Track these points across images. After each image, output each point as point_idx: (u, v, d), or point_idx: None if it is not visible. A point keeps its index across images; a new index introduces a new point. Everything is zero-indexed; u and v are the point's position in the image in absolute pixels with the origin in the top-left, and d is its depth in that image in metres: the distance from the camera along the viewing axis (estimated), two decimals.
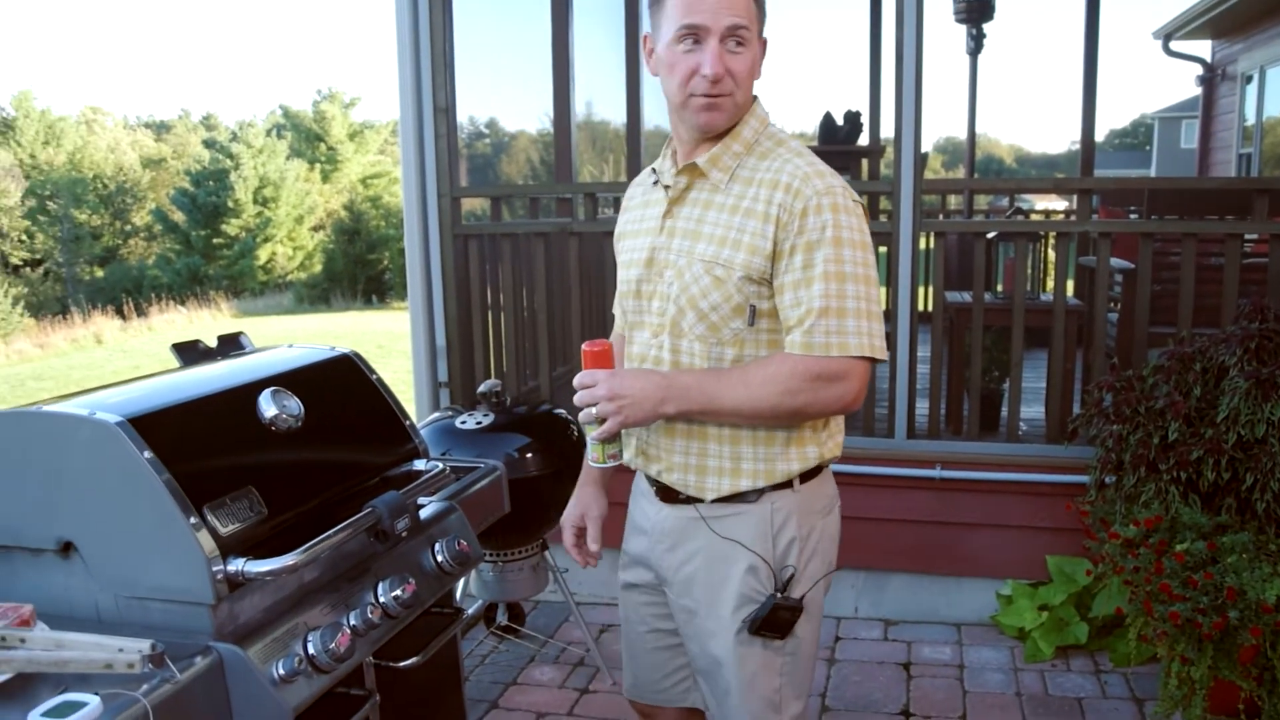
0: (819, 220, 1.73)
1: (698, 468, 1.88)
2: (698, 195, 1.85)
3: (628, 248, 1.98)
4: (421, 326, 4.35)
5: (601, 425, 1.77)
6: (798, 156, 1.80)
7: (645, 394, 1.76)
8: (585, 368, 1.80)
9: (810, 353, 1.73)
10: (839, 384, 1.74)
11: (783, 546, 1.87)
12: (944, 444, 3.92)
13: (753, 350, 1.82)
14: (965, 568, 3.93)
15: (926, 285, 5.24)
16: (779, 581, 1.87)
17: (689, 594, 1.93)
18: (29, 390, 16.82)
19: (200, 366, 2.04)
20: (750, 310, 1.79)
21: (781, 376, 1.74)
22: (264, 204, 35.69)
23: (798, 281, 1.74)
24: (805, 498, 1.89)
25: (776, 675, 1.91)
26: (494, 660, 3.74)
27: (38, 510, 1.65)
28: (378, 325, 22.19)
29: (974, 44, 7.41)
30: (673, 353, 1.86)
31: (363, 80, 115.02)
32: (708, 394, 1.77)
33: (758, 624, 1.85)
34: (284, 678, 1.56)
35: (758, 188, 1.78)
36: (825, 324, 1.72)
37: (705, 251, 1.80)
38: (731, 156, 1.82)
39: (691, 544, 1.92)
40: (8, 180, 36.84)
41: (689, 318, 1.82)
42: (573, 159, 5.63)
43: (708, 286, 1.79)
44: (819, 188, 1.74)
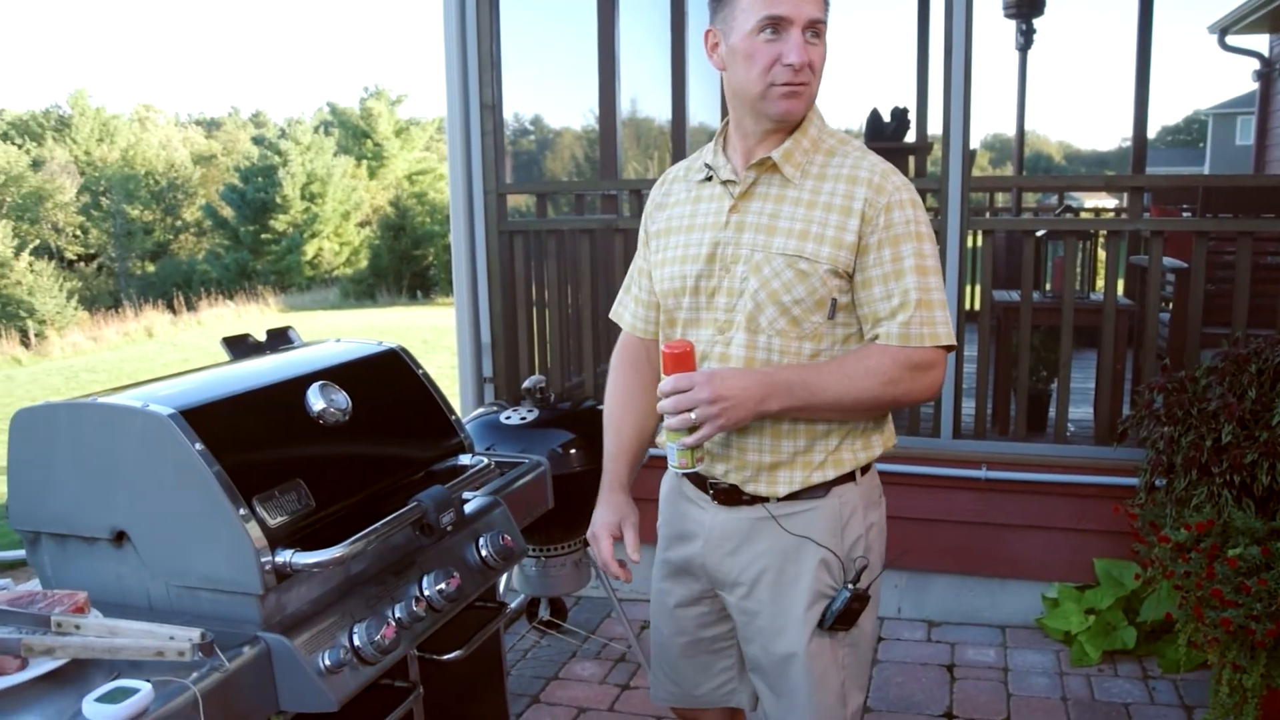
0: (904, 215, 1.77)
1: (770, 464, 1.86)
2: (767, 190, 1.84)
3: (677, 243, 1.93)
4: (467, 322, 4.37)
5: (695, 431, 1.72)
6: (868, 155, 1.84)
7: (747, 394, 1.73)
8: (667, 372, 1.74)
9: (908, 344, 1.77)
10: (931, 372, 1.79)
11: (851, 539, 1.88)
12: (990, 444, 3.88)
13: (829, 344, 1.82)
14: (1010, 569, 3.89)
15: (973, 283, 5.19)
16: (850, 574, 1.87)
17: (754, 595, 1.91)
18: (82, 382, 17.14)
19: (250, 360, 2.06)
20: (831, 304, 1.80)
21: (884, 368, 1.77)
22: (311, 200, 36.09)
23: (888, 274, 1.77)
24: (865, 490, 1.92)
25: (839, 669, 1.91)
26: (535, 655, 3.75)
27: (92, 499, 1.68)
28: (422, 321, 22.35)
29: (1023, 39, 7.31)
30: (747, 349, 1.83)
31: (409, 77, 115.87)
32: (810, 389, 1.76)
33: (833, 618, 1.85)
34: (330, 668, 1.58)
35: (834, 183, 1.80)
36: (921, 315, 1.76)
37: (785, 245, 1.79)
38: (803, 152, 1.83)
39: (758, 545, 1.90)
40: (63, 177, 37.56)
41: (769, 312, 1.81)
42: (618, 155, 5.63)
43: (791, 280, 1.79)
44: (897, 184, 1.79)
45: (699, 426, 1.71)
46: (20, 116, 42.74)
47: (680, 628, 2.06)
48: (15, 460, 1.74)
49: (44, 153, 38.70)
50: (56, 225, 37.15)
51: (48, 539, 1.74)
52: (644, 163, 7.95)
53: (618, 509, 2.05)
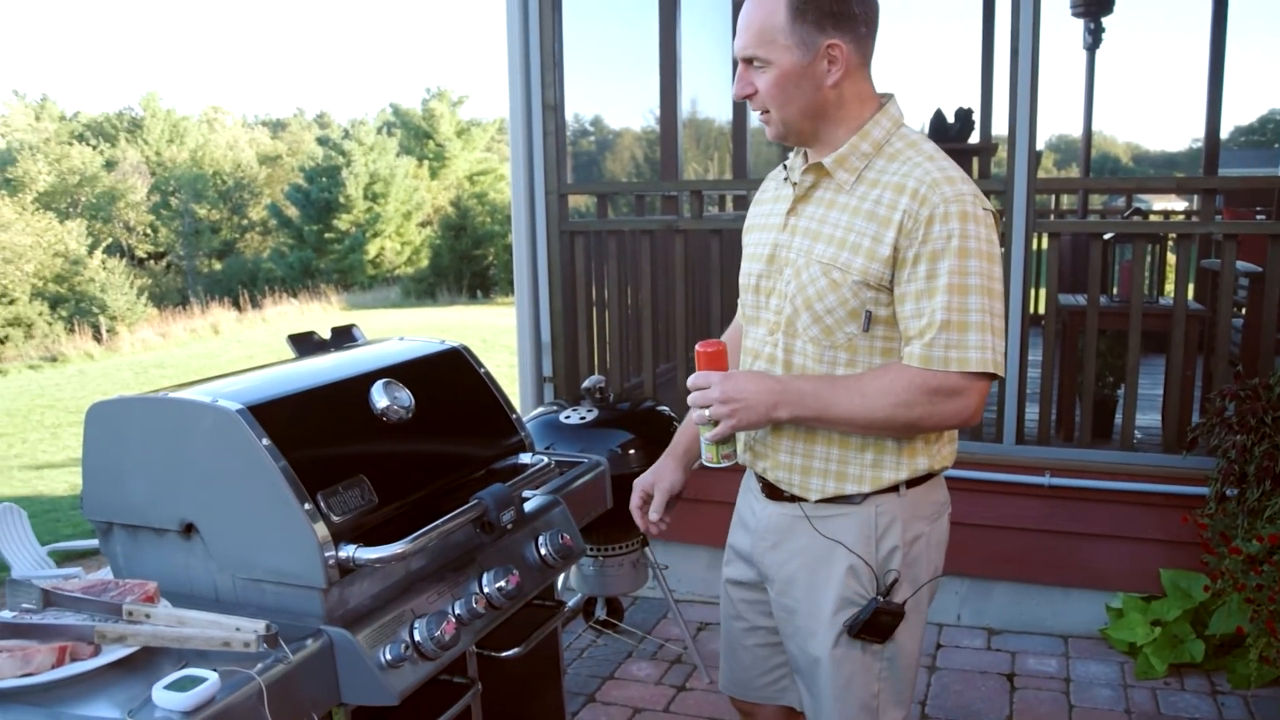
0: (945, 229, 1.69)
1: (803, 468, 1.87)
2: (823, 194, 1.83)
3: (752, 241, 1.98)
4: (527, 321, 4.40)
5: (715, 427, 1.78)
6: (929, 160, 1.76)
7: (759, 398, 1.76)
8: (699, 368, 1.80)
9: (929, 366, 1.71)
10: (956, 399, 1.72)
11: (886, 550, 1.85)
12: (1054, 450, 3.82)
13: (866, 357, 1.79)
14: (1073, 578, 3.82)
15: (1038, 287, 5.11)
16: (881, 585, 1.84)
17: (789, 593, 1.92)
18: (151, 377, 17.54)
19: (315, 357, 2.09)
20: (866, 316, 1.76)
21: (897, 389, 1.72)
22: (374, 200, 36.56)
23: (920, 292, 1.71)
24: (911, 502, 1.87)
25: (875, 680, 1.88)
26: (592, 654, 3.76)
27: (163, 492, 1.71)
28: (482, 320, 22.54)
29: (1091, 38, 7.19)
30: (786, 352, 1.85)
31: (470, 78, 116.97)
32: (822, 401, 1.76)
33: (858, 627, 1.83)
34: (391, 663, 1.59)
35: (882, 190, 1.75)
36: (946, 337, 1.69)
37: (824, 253, 1.78)
38: (859, 157, 1.79)
39: (794, 542, 1.91)
40: (135, 177, 38.49)
41: (804, 319, 1.81)
42: (678, 156, 5.63)
43: (824, 289, 1.77)
44: (947, 194, 1.70)
45: (717, 423, 1.77)
46: (95, 119, 43.90)
47: (739, 611, 2.08)
48: (90, 453, 1.78)
49: (117, 154, 39.69)
50: (128, 224, 38.05)
51: (120, 529, 1.79)
52: (704, 164, 7.94)
53: (658, 470, 2.10)
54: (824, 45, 1.72)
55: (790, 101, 1.76)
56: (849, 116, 1.79)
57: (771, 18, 1.72)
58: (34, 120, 42.17)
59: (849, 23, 1.73)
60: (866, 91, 1.81)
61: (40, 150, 37.59)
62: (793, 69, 1.73)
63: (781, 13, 1.71)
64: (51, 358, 22.65)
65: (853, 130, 1.80)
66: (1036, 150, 3.71)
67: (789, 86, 1.75)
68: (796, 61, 1.73)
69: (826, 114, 1.78)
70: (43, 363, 22.09)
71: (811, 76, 1.74)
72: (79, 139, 40.62)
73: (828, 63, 1.73)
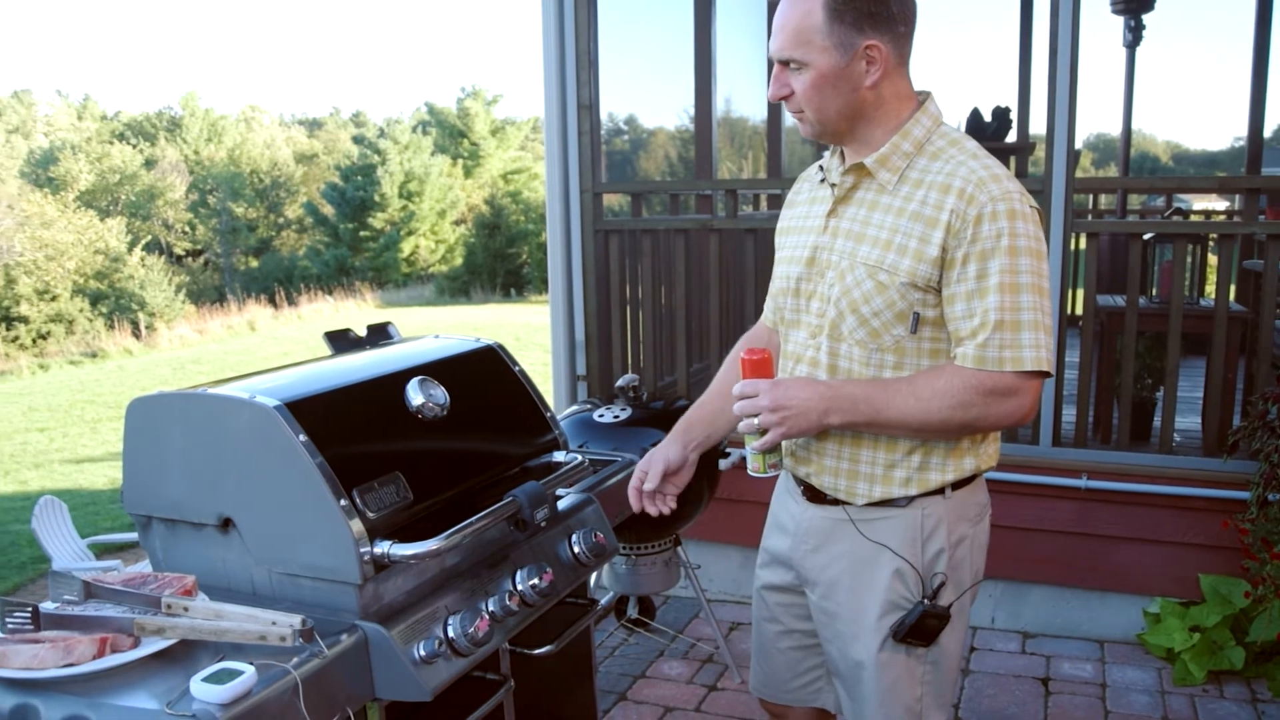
0: (994, 228, 1.68)
1: (849, 472, 1.85)
2: (864, 195, 1.81)
3: (789, 244, 1.96)
4: (561, 320, 4.41)
5: (763, 436, 1.76)
6: (973, 159, 1.74)
7: (810, 405, 1.74)
8: (745, 376, 1.78)
9: (983, 367, 1.70)
10: (1011, 399, 1.70)
11: (932, 553, 1.84)
12: (1091, 453, 3.78)
13: (914, 359, 1.78)
14: (1110, 582, 3.78)
15: (1076, 288, 5.06)
16: (927, 588, 1.83)
17: (832, 597, 1.91)
18: (188, 373, 17.72)
19: (350, 354, 2.11)
20: (914, 317, 1.75)
21: (953, 390, 1.70)
22: (408, 198, 36.77)
23: (971, 292, 1.70)
24: (957, 505, 1.85)
25: (918, 684, 1.87)
26: (623, 653, 3.77)
27: (201, 487, 1.73)
28: (515, 318, 22.61)
29: (1131, 36, 7.10)
30: (830, 356, 1.83)
31: (505, 77, 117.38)
32: (875, 406, 1.74)
33: (904, 631, 1.82)
34: (424, 659, 1.60)
35: (927, 190, 1.73)
36: (1000, 337, 1.68)
37: (869, 255, 1.76)
38: (901, 156, 1.77)
39: (837, 546, 1.89)
40: (174, 175, 38.95)
41: (849, 322, 1.79)
42: (713, 155, 5.63)
43: (870, 291, 1.76)
44: (995, 193, 1.69)
45: (765, 432, 1.75)
46: (135, 118, 44.48)
47: (773, 615, 2.07)
48: (130, 447, 1.80)
49: (156, 152, 40.19)
50: (167, 222, 38.52)
51: (159, 523, 1.81)
52: (738, 163, 7.92)
53: (660, 449, 2.05)
54: (862, 46, 1.70)
55: (828, 103, 1.75)
56: (888, 116, 1.78)
57: (808, 19, 1.69)
58: (76, 120, 42.85)
59: (887, 23, 1.71)
60: (905, 90, 1.79)
61: (82, 149, 38.15)
62: (830, 70, 1.71)
63: (819, 13, 1.69)
64: (92, 353, 22.95)
65: (892, 130, 1.78)
66: (1075, 149, 3.68)
67: (826, 88, 1.73)
68: (834, 63, 1.71)
69: (865, 114, 1.77)
70: (83, 358, 22.39)
71: (849, 77, 1.72)
72: (119, 138, 41.17)
73: (866, 63, 1.72)
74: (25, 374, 20.59)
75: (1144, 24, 7.12)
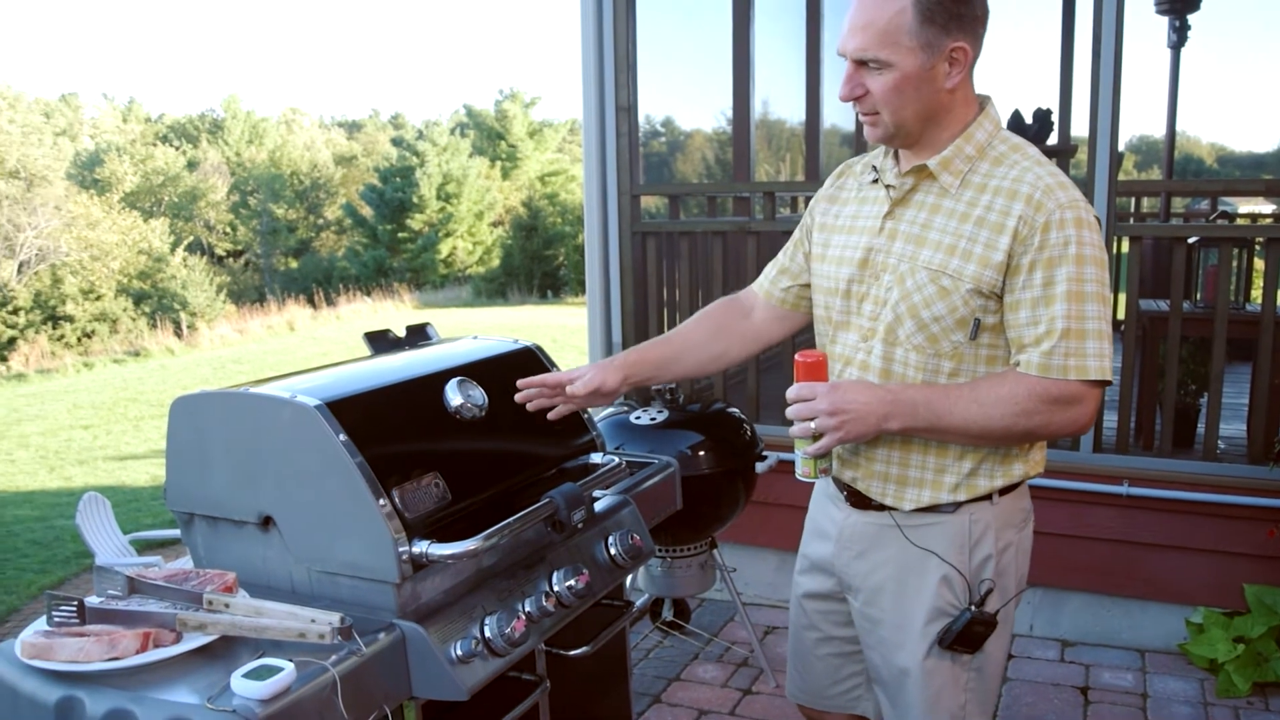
0: (1062, 235, 1.66)
1: (898, 477, 1.83)
2: (924, 198, 1.78)
3: (837, 243, 1.92)
4: (599, 321, 4.41)
5: (817, 441, 1.72)
6: (1038, 165, 1.72)
7: (869, 409, 1.70)
8: (798, 379, 1.74)
9: (1048, 374, 1.68)
10: (1074, 408, 1.69)
11: (979, 559, 1.82)
12: (1133, 459, 3.73)
13: (970, 365, 1.76)
14: (1151, 591, 3.73)
15: (1118, 292, 5.00)
16: (975, 595, 1.82)
17: (876, 603, 1.90)
18: (229, 372, 17.93)
19: (390, 355, 2.12)
20: (974, 324, 1.73)
21: (1018, 397, 1.68)
22: (446, 200, 36.99)
23: (1037, 299, 1.68)
24: (1003, 511, 1.84)
25: (962, 691, 1.86)
26: (658, 655, 3.77)
27: (242, 485, 1.75)
28: (552, 319, 22.68)
29: (1176, 36, 7.01)
30: (884, 360, 1.81)
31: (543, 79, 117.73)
32: (935, 411, 1.71)
33: (951, 638, 1.80)
34: (461, 658, 1.61)
35: (993, 195, 1.71)
36: (1066, 345, 1.66)
37: (931, 259, 1.74)
38: (963, 160, 1.75)
39: (883, 552, 1.88)
40: (216, 177, 39.45)
41: (907, 326, 1.77)
42: (751, 158, 5.61)
43: (931, 296, 1.73)
44: (1062, 200, 1.67)
45: (821, 436, 1.71)
46: (179, 120, 45.12)
47: (812, 622, 2.06)
48: (173, 445, 1.83)
49: (198, 154, 40.74)
50: (208, 223, 39.00)
51: (200, 520, 1.83)
52: (776, 165, 7.90)
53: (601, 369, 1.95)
54: (949, 48, 1.66)
55: (907, 105, 1.70)
56: (955, 119, 1.75)
57: (898, 18, 1.64)
58: (121, 122, 43.51)
59: (972, 23, 1.68)
60: (970, 93, 1.77)
61: (127, 151, 38.74)
62: (915, 72, 1.67)
63: (909, 13, 1.64)
64: (135, 352, 23.29)
65: (956, 133, 1.75)
66: (1118, 151, 3.63)
67: (908, 90, 1.69)
68: (920, 64, 1.66)
69: (938, 117, 1.74)
70: (126, 357, 22.72)
71: (932, 79, 1.69)
72: (163, 140, 41.78)
73: (949, 65, 1.68)
74: (70, 372, 20.94)
75: (1189, 24, 7.03)
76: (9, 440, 13.30)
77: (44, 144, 35.38)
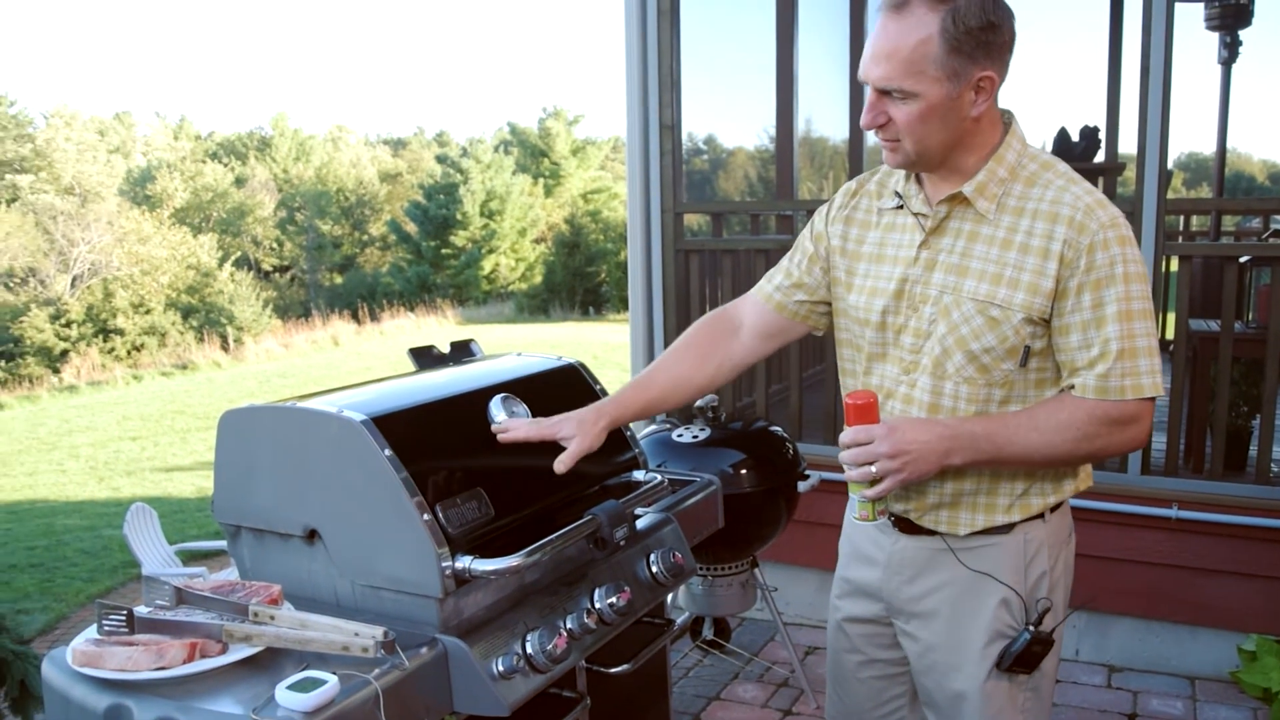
0: (1107, 256, 1.64)
1: (951, 504, 1.81)
2: (960, 225, 1.75)
3: (865, 271, 1.87)
4: (641, 339, 4.42)
5: (877, 484, 1.67)
6: (1073, 184, 1.69)
7: (930, 448, 1.67)
8: (849, 423, 1.69)
9: (1106, 397, 1.66)
10: (1133, 426, 1.68)
11: (1034, 578, 1.81)
12: (1182, 482, 3.66)
13: (1021, 391, 1.74)
14: (1201, 616, 3.65)
15: (1167, 311, 4.93)
16: (1032, 614, 1.80)
17: (929, 627, 1.87)
18: (274, 387, 18.14)
19: (434, 371, 2.14)
20: (1024, 351, 1.70)
21: (1077, 422, 1.67)
22: (490, 217, 37.23)
23: (1087, 322, 1.66)
24: (1054, 527, 1.83)
25: (1019, 713, 1.84)
26: (698, 674, 3.75)
27: (288, 498, 1.77)
28: (593, 336, 22.73)
29: (1226, 53, 6.92)
30: (932, 395, 1.77)
31: (586, 97, 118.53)
32: (996, 443, 1.69)
33: (1010, 659, 1.78)
34: (503, 674, 1.61)
35: (1032, 220, 1.68)
36: (1122, 366, 1.65)
37: (977, 289, 1.71)
38: (997, 184, 1.71)
39: (936, 576, 1.85)
40: (263, 193, 40.02)
41: (956, 359, 1.74)
42: (794, 175, 5.61)
43: (981, 327, 1.71)
44: (1103, 220, 1.65)
45: (880, 480, 1.67)
46: (228, 138, 45.89)
47: (855, 645, 2.03)
48: (222, 458, 1.85)
49: (246, 171, 41.34)
50: (255, 238, 39.54)
51: (247, 533, 1.85)
52: (818, 182, 7.89)
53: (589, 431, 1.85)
54: (976, 77, 1.63)
55: (931, 134, 1.67)
56: (981, 143, 1.72)
57: (923, 47, 1.60)
58: (172, 140, 44.25)
59: (999, 51, 1.65)
60: (995, 114, 1.74)
61: (177, 168, 39.40)
62: (940, 101, 1.63)
63: (936, 43, 1.59)
64: (182, 365, 23.64)
65: (984, 156, 1.72)
66: (1167, 169, 3.59)
67: (934, 119, 1.65)
68: (945, 94, 1.63)
69: (963, 143, 1.70)
70: (174, 370, 23.07)
71: (958, 108, 1.65)
72: (213, 157, 42.46)
73: (975, 93, 1.65)
74: (120, 384, 21.29)
75: (1240, 40, 6.94)
76: (60, 451, 13.54)
77: (98, 161, 36.13)
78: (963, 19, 1.59)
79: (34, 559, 7.88)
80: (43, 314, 27.07)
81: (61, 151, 34.60)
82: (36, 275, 28.86)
